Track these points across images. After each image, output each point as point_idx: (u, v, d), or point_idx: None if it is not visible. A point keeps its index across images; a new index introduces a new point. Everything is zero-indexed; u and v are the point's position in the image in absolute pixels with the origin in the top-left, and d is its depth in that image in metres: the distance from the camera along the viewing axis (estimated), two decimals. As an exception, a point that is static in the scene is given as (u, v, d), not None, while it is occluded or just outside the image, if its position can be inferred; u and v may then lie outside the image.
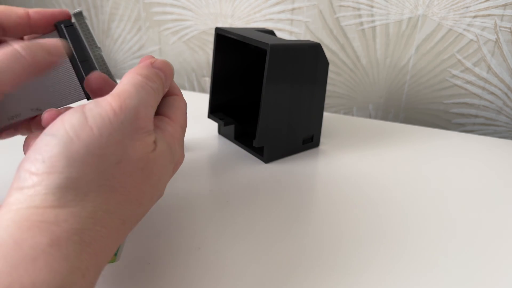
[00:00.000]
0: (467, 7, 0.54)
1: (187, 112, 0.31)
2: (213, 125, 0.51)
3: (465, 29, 0.55)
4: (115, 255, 0.30)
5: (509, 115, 0.58)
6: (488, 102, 0.58)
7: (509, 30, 0.53)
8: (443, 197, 0.39)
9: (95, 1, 0.71)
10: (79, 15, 0.31)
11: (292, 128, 0.43)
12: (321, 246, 0.32)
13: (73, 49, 0.30)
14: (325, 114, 0.56)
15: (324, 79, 0.44)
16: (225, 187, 0.39)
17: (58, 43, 0.29)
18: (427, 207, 0.37)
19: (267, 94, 0.39)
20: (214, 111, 0.47)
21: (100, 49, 0.31)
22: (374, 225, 0.34)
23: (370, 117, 0.64)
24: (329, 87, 0.64)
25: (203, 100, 0.57)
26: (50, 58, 0.28)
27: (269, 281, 0.28)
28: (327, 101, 0.65)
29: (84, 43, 0.30)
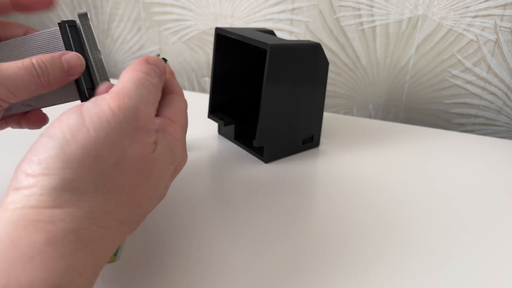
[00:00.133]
0: (467, 7, 0.54)
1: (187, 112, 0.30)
2: (213, 125, 0.51)
3: (465, 29, 0.55)
4: (115, 255, 0.30)
5: (509, 115, 0.58)
6: (488, 102, 0.58)
7: (509, 30, 0.53)
8: (443, 197, 0.39)
9: (95, 1, 0.71)
10: (84, 16, 0.31)
11: (292, 128, 0.43)
12: (321, 246, 0.32)
13: (73, 49, 0.30)
14: (325, 114, 0.56)
15: (324, 79, 0.44)
16: (225, 187, 0.39)
17: (78, 61, 0.29)
18: (427, 207, 0.37)
19: (267, 94, 0.39)
20: (214, 111, 0.47)
21: (100, 52, 0.31)
22: (374, 225, 0.34)
23: (370, 117, 0.64)
24: (329, 87, 0.64)
25: (203, 100, 0.57)
26: (66, 78, 0.28)
27: (269, 281, 0.28)
28: (327, 101, 0.65)
29: (85, 45, 0.30)
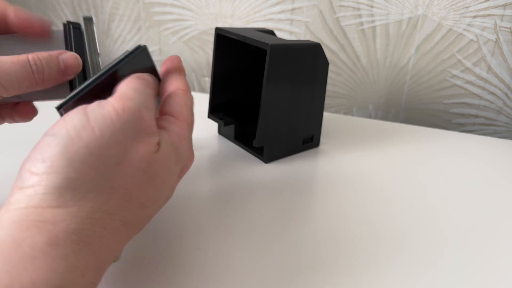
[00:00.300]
0: (467, 7, 0.54)
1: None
2: (213, 125, 0.51)
3: (465, 29, 0.55)
4: (115, 255, 0.30)
5: (509, 115, 0.58)
6: (488, 102, 0.58)
7: (509, 30, 0.53)
8: (443, 197, 0.39)
9: (95, 1, 0.71)
10: (89, 21, 0.31)
11: (292, 128, 0.43)
12: (321, 245, 0.32)
13: (74, 50, 0.30)
14: (325, 114, 0.56)
15: (324, 79, 0.44)
16: (225, 187, 0.39)
17: (75, 61, 0.29)
18: (427, 207, 0.37)
19: (267, 94, 0.39)
20: (214, 111, 0.47)
21: (99, 56, 0.31)
22: (374, 225, 0.34)
23: (370, 117, 0.64)
24: (329, 87, 0.64)
25: (203, 100, 0.57)
26: (61, 77, 0.29)
27: (269, 281, 0.28)
28: (327, 101, 0.65)
29: (85, 48, 0.31)
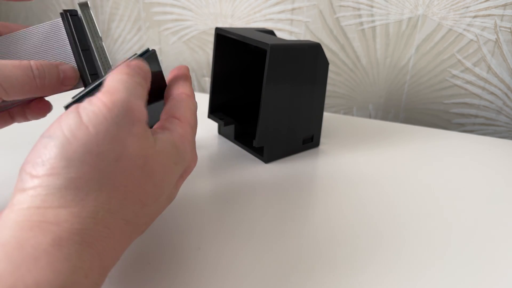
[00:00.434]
0: (467, 7, 0.54)
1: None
2: (213, 125, 0.51)
3: (465, 29, 0.55)
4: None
5: (509, 115, 0.58)
6: (488, 102, 0.58)
7: (509, 30, 0.53)
8: (444, 197, 0.39)
9: (95, 1, 0.71)
10: (85, 6, 0.31)
11: (292, 128, 0.43)
12: (321, 246, 0.32)
13: (76, 38, 0.31)
14: (325, 114, 0.56)
15: (324, 79, 0.44)
16: (225, 187, 0.39)
17: (73, 74, 0.30)
18: (427, 207, 0.37)
19: (267, 94, 0.39)
20: (214, 111, 0.47)
21: (101, 39, 0.31)
22: (374, 225, 0.34)
23: (370, 117, 0.64)
24: (329, 87, 0.64)
25: (203, 100, 0.57)
26: (59, 87, 0.30)
27: (269, 281, 0.28)
28: (327, 101, 0.65)
29: (87, 33, 0.31)
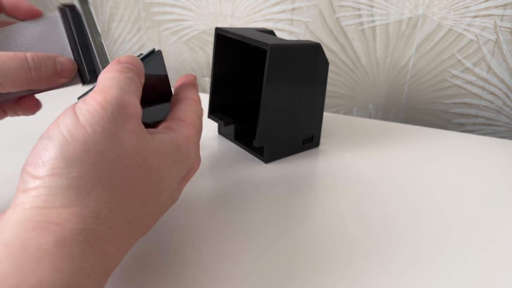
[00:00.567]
0: (467, 7, 0.54)
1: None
2: (213, 125, 0.51)
3: (465, 29, 0.55)
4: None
5: (509, 115, 0.58)
6: (488, 102, 0.58)
7: (509, 30, 0.53)
8: (444, 197, 0.39)
9: (95, 1, 0.71)
10: (84, 1, 0.31)
11: (292, 128, 0.43)
12: (321, 246, 0.32)
13: (75, 33, 0.30)
14: (325, 114, 0.56)
15: (324, 79, 0.44)
16: (225, 187, 0.39)
17: (71, 66, 0.30)
18: (427, 207, 0.37)
19: (267, 94, 0.39)
20: (214, 111, 0.47)
21: (100, 36, 0.31)
22: (374, 225, 0.34)
23: (370, 117, 0.64)
24: (329, 87, 0.64)
25: (203, 100, 0.57)
26: (56, 79, 0.29)
27: (269, 281, 0.28)
28: (327, 101, 0.65)
29: (86, 29, 0.31)
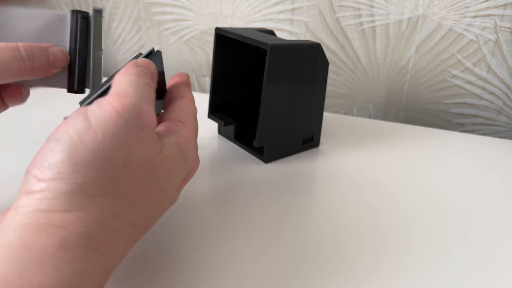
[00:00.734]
0: (467, 7, 0.54)
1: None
2: (213, 125, 0.51)
3: (465, 29, 0.55)
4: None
5: (509, 115, 0.58)
6: (488, 102, 0.58)
7: (509, 30, 0.53)
8: (443, 197, 0.39)
9: (95, 1, 0.71)
10: (99, 13, 0.31)
11: (292, 128, 0.43)
12: (321, 246, 0.32)
13: (78, 40, 0.30)
14: (325, 114, 0.56)
15: (324, 79, 0.44)
16: (225, 187, 0.39)
17: (63, 55, 0.30)
18: (427, 207, 0.37)
19: (267, 94, 0.39)
20: (214, 111, 0.47)
21: (102, 51, 0.31)
22: (374, 225, 0.34)
23: (370, 117, 0.64)
24: (329, 87, 0.64)
25: (203, 100, 0.57)
26: (49, 68, 0.30)
27: (269, 281, 0.28)
28: (327, 101, 0.65)
29: (90, 40, 0.31)
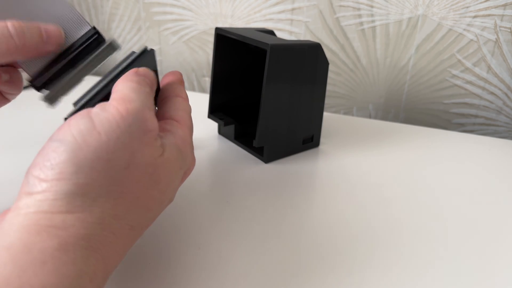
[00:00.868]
0: (467, 7, 0.54)
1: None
2: (213, 125, 0.51)
3: (465, 29, 0.55)
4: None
5: (509, 115, 0.58)
6: (488, 102, 0.58)
7: (509, 30, 0.53)
8: (443, 197, 0.39)
9: (95, 1, 0.71)
10: (112, 46, 0.30)
11: (292, 128, 0.43)
12: (320, 246, 0.32)
13: (76, 51, 0.29)
14: (325, 114, 0.56)
15: (324, 79, 0.44)
16: (225, 187, 0.39)
17: (57, 32, 0.28)
18: (426, 207, 0.37)
19: (267, 94, 0.39)
20: (214, 111, 0.47)
21: (83, 78, 0.29)
22: (374, 225, 0.34)
23: (370, 117, 0.64)
24: (329, 87, 0.64)
25: (203, 100, 0.57)
26: (43, 46, 0.27)
27: (269, 281, 0.28)
28: (327, 101, 0.65)
29: (87, 59, 0.29)
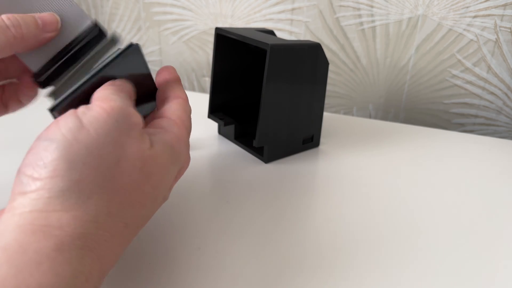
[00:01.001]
0: (467, 7, 0.54)
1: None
2: (213, 125, 0.51)
3: (465, 29, 0.55)
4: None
5: (509, 115, 0.58)
6: (488, 102, 0.58)
7: (509, 30, 0.53)
8: (443, 197, 0.39)
9: (95, 1, 0.71)
10: (114, 41, 0.29)
11: (292, 128, 0.43)
12: (321, 246, 0.32)
13: (77, 47, 0.29)
14: (325, 114, 0.56)
15: (324, 79, 0.44)
16: (225, 187, 0.39)
17: (52, 18, 0.28)
18: (426, 207, 0.37)
19: (267, 94, 0.39)
20: (214, 111, 0.47)
21: (78, 76, 0.28)
22: (374, 225, 0.34)
23: (370, 117, 0.64)
24: (329, 87, 0.64)
25: (203, 100, 0.57)
26: (41, 34, 0.27)
27: (269, 281, 0.28)
28: (327, 101, 0.65)
29: (88, 55, 0.29)
